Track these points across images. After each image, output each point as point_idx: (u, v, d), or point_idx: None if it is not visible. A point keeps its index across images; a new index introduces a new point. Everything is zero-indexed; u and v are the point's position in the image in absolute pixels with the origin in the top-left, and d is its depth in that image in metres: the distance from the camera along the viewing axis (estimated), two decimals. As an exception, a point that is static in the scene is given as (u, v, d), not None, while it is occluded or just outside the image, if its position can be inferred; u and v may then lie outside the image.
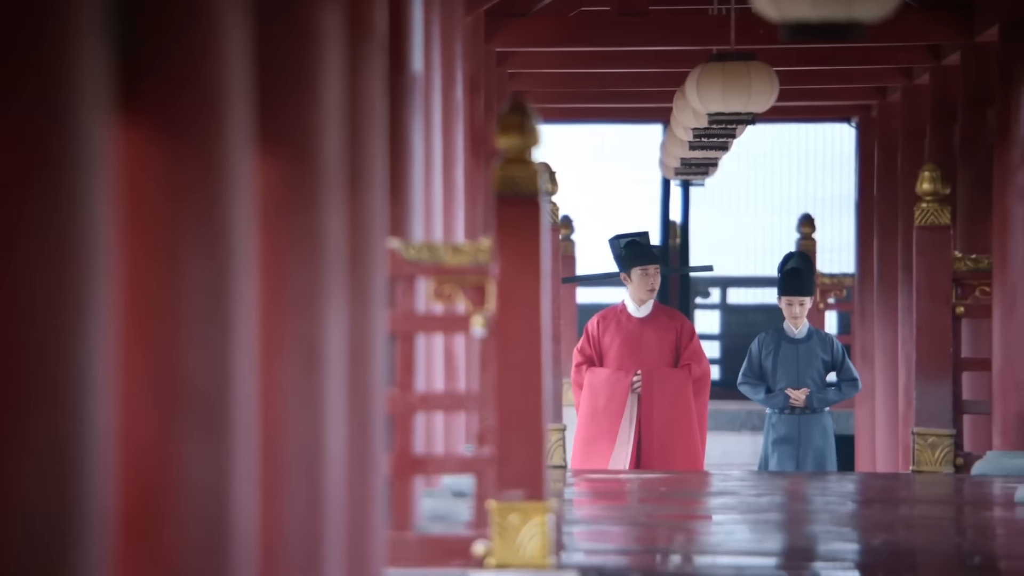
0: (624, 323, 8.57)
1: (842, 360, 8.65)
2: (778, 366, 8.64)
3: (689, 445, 8.33)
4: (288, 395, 3.39)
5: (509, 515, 4.68)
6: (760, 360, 8.67)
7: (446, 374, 6.10)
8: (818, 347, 8.65)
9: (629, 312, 8.60)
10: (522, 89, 11.93)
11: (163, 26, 2.80)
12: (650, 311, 8.59)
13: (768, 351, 8.66)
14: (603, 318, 8.65)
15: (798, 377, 8.59)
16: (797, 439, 8.54)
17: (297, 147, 3.41)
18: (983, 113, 9.50)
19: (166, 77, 2.79)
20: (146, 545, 2.77)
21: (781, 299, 8.82)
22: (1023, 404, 7.59)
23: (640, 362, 8.45)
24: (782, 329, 8.79)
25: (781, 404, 8.58)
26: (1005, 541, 5.63)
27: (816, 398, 8.55)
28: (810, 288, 8.75)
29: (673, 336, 8.51)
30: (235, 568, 2.87)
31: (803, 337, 8.72)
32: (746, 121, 9.11)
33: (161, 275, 2.79)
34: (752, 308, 17.82)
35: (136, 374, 2.77)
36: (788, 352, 8.64)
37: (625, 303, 8.68)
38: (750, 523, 6.11)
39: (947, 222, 7.80)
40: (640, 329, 8.53)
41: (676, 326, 8.56)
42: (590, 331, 8.63)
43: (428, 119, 6.07)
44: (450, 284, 4.80)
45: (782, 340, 8.73)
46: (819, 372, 8.61)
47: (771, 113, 10.32)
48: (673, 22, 9.90)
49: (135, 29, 2.78)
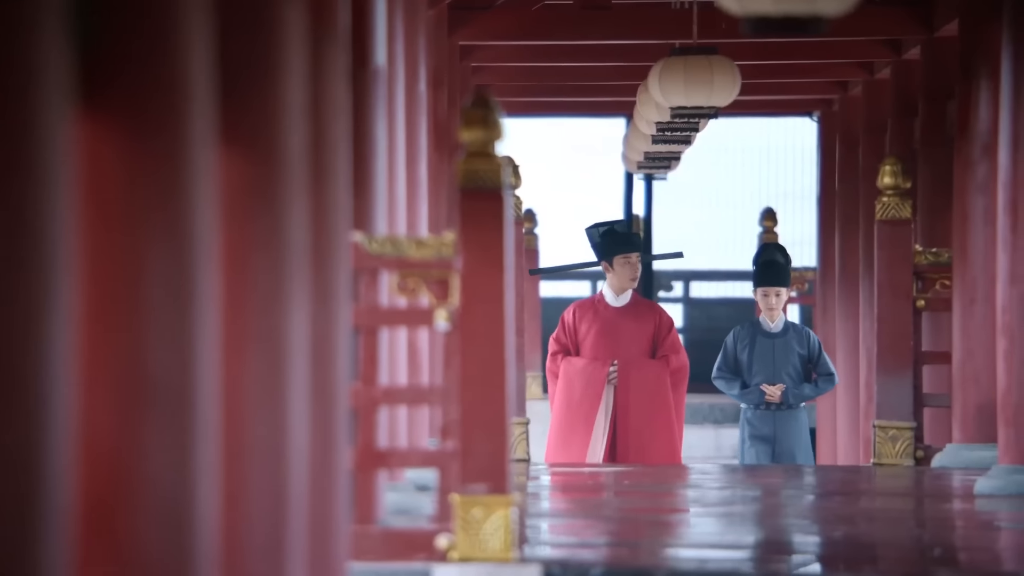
0: (601, 312, 8.45)
1: (818, 354, 8.54)
2: (754, 360, 8.50)
3: (667, 438, 8.24)
4: (251, 389, 3.39)
5: (472, 509, 4.69)
6: (735, 354, 8.54)
7: (410, 368, 6.11)
8: (794, 341, 8.53)
9: (607, 301, 8.47)
10: (485, 83, 11.94)
11: (124, 21, 2.80)
12: (628, 301, 8.47)
13: (743, 345, 8.53)
14: (580, 307, 8.53)
15: (774, 371, 8.47)
16: (773, 435, 8.43)
17: (260, 142, 3.41)
18: (943, 107, 9.55)
19: (128, 73, 2.79)
20: (108, 539, 2.77)
21: (757, 291, 8.60)
22: (982, 397, 7.64)
23: (616, 352, 8.34)
24: (758, 323, 8.59)
25: (756, 400, 8.46)
26: (964, 533, 5.67)
27: (792, 394, 8.44)
28: (786, 279, 8.61)
29: (651, 327, 8.41)
30: (197, 561, 2.87)
31: (779, 331, 8.54)
32: (708, 115, 9.13)
33: (123, 269, 2.79)
34: (715, 302, 17.88)
35: (98, 368, 2.77)
36: (764, 346, 8.51)
37: (603, 293, 8.55)
38: (712, 516, 6.14)
39: (908, 216, 7.84)
40: (617, 319, 8.42)
41: (654, 317, 8.45)
42: (566, 320, 8.52)
43: (391, 113, 6.07)
44: (414, 278, 4.80)
45: (758, 334, 8.54)
46: (795, 367, 8.50)
47: (733, 107, 10.35)
48: (636, 16, 9.92)
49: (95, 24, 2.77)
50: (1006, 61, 6.74)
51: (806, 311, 15.74)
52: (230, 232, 3.36)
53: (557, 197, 18.76)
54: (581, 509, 6.39)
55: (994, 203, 7.68)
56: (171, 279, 2.83)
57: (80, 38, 2.73)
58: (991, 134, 7.72)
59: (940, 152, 9.42)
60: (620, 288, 8.49)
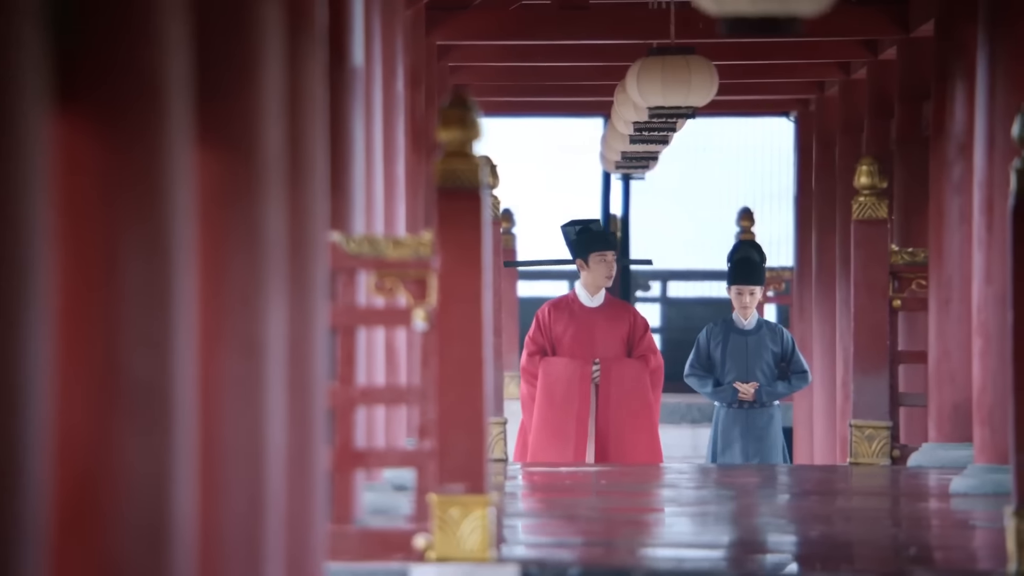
0: (577, 313, 8.40)
1: (792, 352, 8.48)
2: (727, 358, 8.45)
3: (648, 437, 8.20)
4: (228, 389, 3.38)
5: (450, 508, 4.69)
6: (708, 351, 8.48)
7: (387, 368, 6.10)
8: (768, 339, 8.48)
9: (581, 302, 8.42)
10: (463, 82, 11.94)
11: (101, 18, 2.79)
12: (602, 301, 8.44)
13: (716, 342, 8.47)
14: (555, 307, 8.48)
15: (747, 369, 8.41)
16: (746, 433, 8.38)
17: (237, 141, 3.40)
18: (919, 107, 9.58)
19: (105, 70, 2.79)
20: (84, 539, 2.76)
21: (731, 289, 8.54)
22: (958, 396, 7.67)
23: (593, 353, 8.30)
24: (731, 320, 8.53)
25: (729, 398, 8.40)
26: (940, 532, 5.69)
27: (765, 392, 8.38)
28: (760, 278, 8.57)
29: (626, 328, 8.37)
30: (174, 562, 2.86)
31: (752, 328, 8.48)
32: (686, 115, 9.14)
33: (100, 268, 2.78)
34: (692, 301, 17.90)
35: (75, 368, 2.76)
36: (737, 344, 8.45)
37: (577, 292, 8.50)
38: (689, 515, 6.15)
39: (884, 216, 7.86)
40: (593, 319, 8.38)
41: (629, 318, 8.42)
42: (541, 320, 8.46)
43: (369, 112, 6.07)
44: (391, 277, 4.80)
45: (731, 331, 8.48)
46: (769, 364, 8.44)
47: (711, 107, 10.37)
48: (613, 16, 9.93)
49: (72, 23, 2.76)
50: (981, 61, 6.76)
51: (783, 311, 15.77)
52: (207, 231, 3.36)
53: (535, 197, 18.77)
54: (558, 509, 6.39)
55: (969, 203, 7.71)
56: (148, 278, 2.83)
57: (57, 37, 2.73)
58: (967, 134, 7.74)
59: (916, 152, 9.45)
60: (595, 287, 8.45)
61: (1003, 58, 6.67)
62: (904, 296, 7.84)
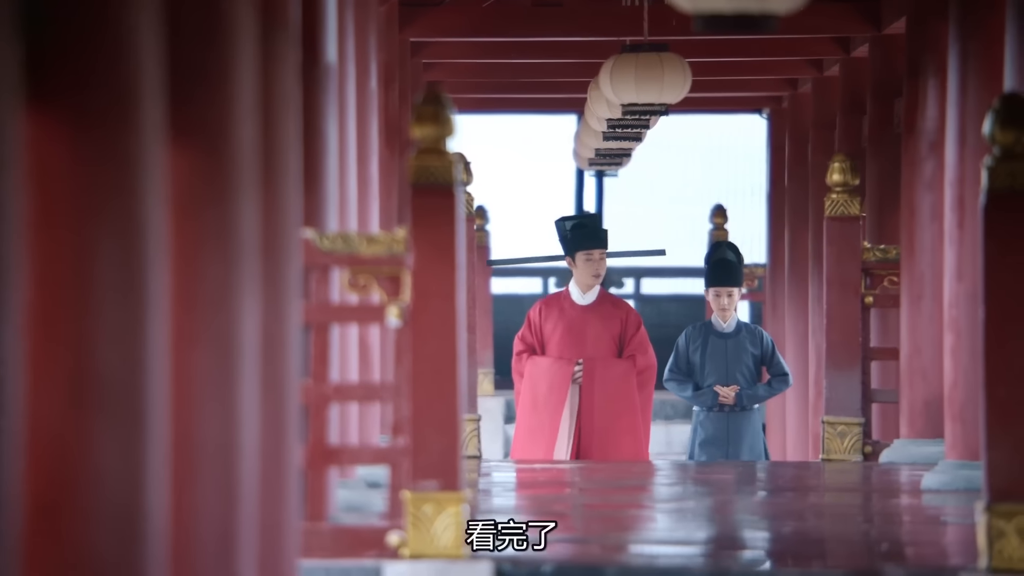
0: (567, 310, 8.26)
1: (771, 354, 8.34)
2: (706, 361, 8.29)
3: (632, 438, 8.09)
4: (201, 386, 3.38)
5: (424, 505, 4.69)
6: (687, 355, 8.31)
7: (361, 365, 6.10)
8: (747, 341, 8.33)
9: (573, 299, 8.28)
10: (437, 79, 11.93)
11: (73, 18, 2.79)
12: (595, 299, 8.27)
13: (696, 345, 8.31)
14: (546, 305, 8.35)
15: (727, 372, 8.25)
16: (726, 438, 8.23)
17: (210, 138, 3.40)
18: (891, 105, 9.61)
19: (76, 69, 2.78)
20: (57, 536, 2.75)
21: (708, 291, 8.35)
22: (929, 392, 7.70)
23: (583, 351, 8.17)
24: (710, 323, 8.35)
25: (710, 402, 8.24)
26: (912, 528, 5.71)
27: (746, 395, 8.23)
28: (738, 279, 8.37)
29: (618, 325, 8.22)
30: (147, 559, 2.86)
31: (731, 331, 8.30)
32: (659, 112, 9.15)
33: (72, 267, 2.78)
34: (666, 298, 17.94)
35: (46, 366, 2.76)
36: (716, 347, 8.29)
37: (570, 289, 8.35)
38: (663, 512, 6.16)
39: (857, 213, 7.89)
40: (584, 317, 8.24)
41: (621, 315, 8.26)
42: (532, 318, 8.33)
43: (342, 110, 6.07)
44: (365, 274, 4.80)
45: (710, 334, 8.30)
46: (749, 367, 8.29)
47: (684, 104, 10.38)
48: (587, 13, 9.94)
49: (44, 20, 2.76)
50: (953, 59, 6.79)
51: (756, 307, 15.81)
52: (180, 229, 3.35)
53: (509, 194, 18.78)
54: (532, 506, 6.40)
55: (941, 200, 7.74)
56: (121, 276, 2.82)
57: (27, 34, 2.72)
58: (938, 131, 7.78)
59: (888, 149, 9.48)
60: (585, 285, 8.29)
61: (974, 56, 6.70)
62: (876, 293, 7.86)
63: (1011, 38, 5.96)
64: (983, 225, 4.59)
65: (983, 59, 6.68)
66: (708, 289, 8.40)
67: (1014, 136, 4.60)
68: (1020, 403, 4.51)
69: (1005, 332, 4.51)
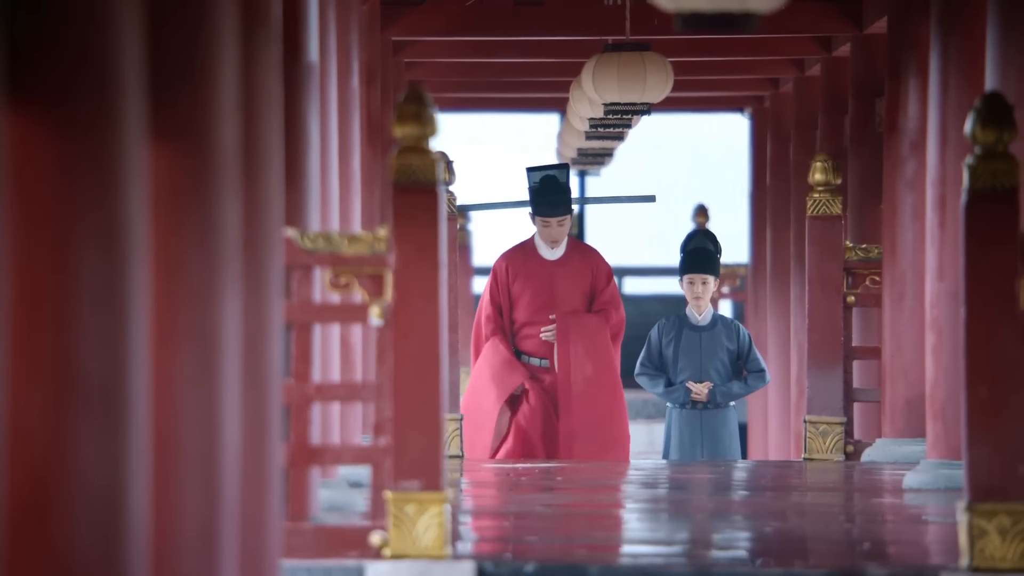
0: (535, 269, 7.83)
1: (748, 349, 7.97)
2: (679, 355, 7.91)
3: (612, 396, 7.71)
4: (183, 385, 3.37)
5: (406, 505, 4.69)
6: (660, 348, 7.93)
7: (343, 364, 6.10)
8: (723, 335, 7.94)
9: (540, 254, 7.86)
10: (419, 78, 11.93)
11: (55, 13, 2.78)
12: (563, 253, 7.85)
13: (669, 339, 7.92)
14: (511, 261, 7.87)
15: (701, 367, 7.88)
16: (700, 436, 7.91)
17: (192, 136, 3.39)
18: (872, 104, 9.64)
19: (57, 65, 2.77)
20: (38, 537, 2.75)
21: (683, 279, 7.95)
22: (911, 392, 7.71)
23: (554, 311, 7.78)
24: (684, 316, 7.96)
25: (682, 399, 7.89)
26: (893, 527, 5.72)
27: (719, 392, 7.86)
28: (714, 267, 7.98)
29: (588, 278, 7.80)
30: (129, 560, 2.85)
31: (707, 324, 7.92)
32: (642, 111, 9.15)
33: (54, 265, 2.77)
34: (648, 298, 17.96)
35: (28, 366, 2.75)
36: (691, 340, 7.91)
37: (535, 243, 7.93)
38: (644, 512, 6.16)
39: (838, 212, 7.90)
40: (552, 275, 7.82)
41: (590, 266, 7.84)
42: (498, 274, 7.88)
43: (324, 108, 6.06)
44: (347, 274, 4.79)
45: (684, 327, 7.93)
46: (724, 362, 7.92)
47: (666, 103, 10.39)
48: (569, 12, 9.94)
49: (26, 16, 2.75)
50: (934, 58, 6.80)
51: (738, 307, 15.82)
52: (162, 228, 3.34)
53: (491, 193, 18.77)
54: (514, 505, 6.40)
55: (922, 199, 7.75)
56: (102, 275, 2.82)
57: (10, 32, 2.71)
58: (919, 131, 7.79)
59: (870, 148, 9.50)
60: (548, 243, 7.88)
61: (955, 55, 6.71)
62: (858, 292, 7.87)
63: (992, 38, 5.97)
64: (964, 224, 4.60)
65: (964, 59, 6.70)
66: (682, 277, 8.00)
67: (995, 135, 4.61)
68: (1001, 402, 4.52)
69: (986, 331, 4.52)
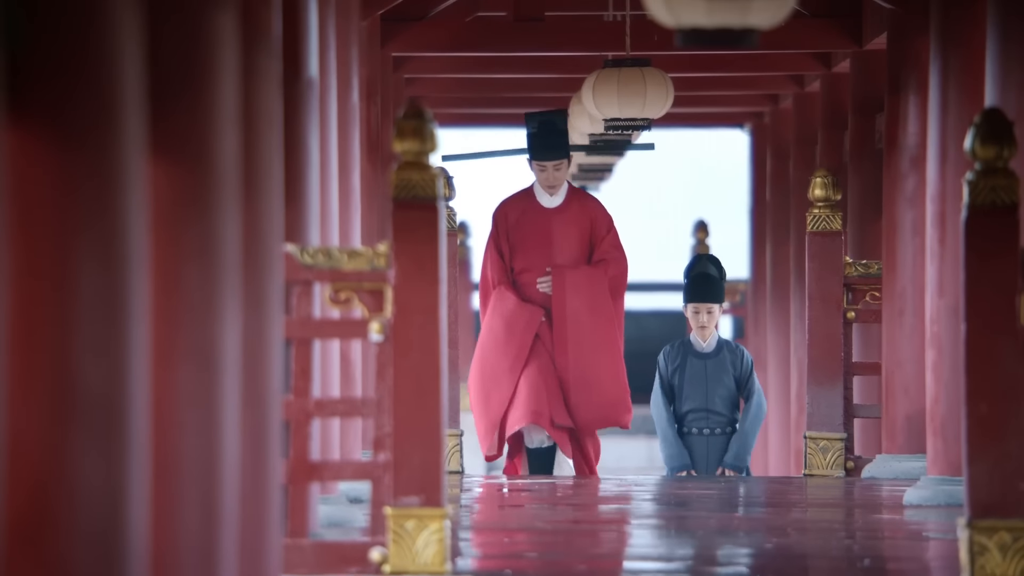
0: (533, 217, 7.64)
1: (748, 375, 7.78)
2: (685, 384, 7.67)
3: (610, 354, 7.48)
4: (183, 401, 3.37)
5: (406, 521, 4.68)
6: (668, 377, 7.74)
7: (342, 380, 6.09)
8: (728, 361, 7.69)
9: (539, 202, 7.66)
10: (419, 94, 11.94)
11: (54, 27, 2.78)
12: (562, 200, 7.65)
13: (675, 367, 7.74)
14: (511, 208, 7.68)
15: (706, 395, 7.70)
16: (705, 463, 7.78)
17: (192, 152, 3.39)
18: (872, 120, 9.65)
19: (57, 81, 2.77)
20: (36, 552, 2.74)
21: (687, 307, 7.77)
22: (911, 408, 7.71)
23: (551, 261, 7.59)
24: (688, 342, 7.76)
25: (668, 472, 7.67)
26: (893, 543, 5.72)
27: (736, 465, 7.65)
28: (719, 295, 7.80)
29: (587, 226, 7.62)
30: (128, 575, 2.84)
31: (711, 351, 7.72)
32: (642, 127, 9.16)
33: (53, 279, 2.77)
34: (647, 314, 17.97)
35: (27, 381, 2.75)
36: (695, 368, 7.72)
37: (534, 190, 7.75)
38: (644, 528, 6.16)
39: (838, 228, 7.90)
40: (551, 223, 7.63)
41: (589, 214, 7.65)
42: (499, 222, 7.71)
43: (324, 124, 6.06)
44: (347, 289, 4.79)
45: (688, 355, 7.72)
46: (728, 388, 7.68)
47: (666, 119, 10.40)
48: (569, 28, 9.95)
49: (25, 31, 2.75)
50: (934, 74, 6.81)
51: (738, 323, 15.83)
52: (162, 243, 3.34)
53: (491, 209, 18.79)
54: (514, 521, 6.39)
55: (922, 215, 7.76)
56: (102, 290, 2.82)
57: (8, 45, 2.71)
58: (919, 147, 7.80)
59: (869, 164, 9.51)
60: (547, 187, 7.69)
61: (955, 71, 6.72)
62: (858, 308, 7.87)
63: (991, 54, 5.98)
64: (964, 240, 4.60)
65: (964, 75, 6.70)
66: (687, 305, 7.84)
67: (995, 151, 4.61)
68: (1001, 419, 4.51)
69: (986, 347, 4.52)
